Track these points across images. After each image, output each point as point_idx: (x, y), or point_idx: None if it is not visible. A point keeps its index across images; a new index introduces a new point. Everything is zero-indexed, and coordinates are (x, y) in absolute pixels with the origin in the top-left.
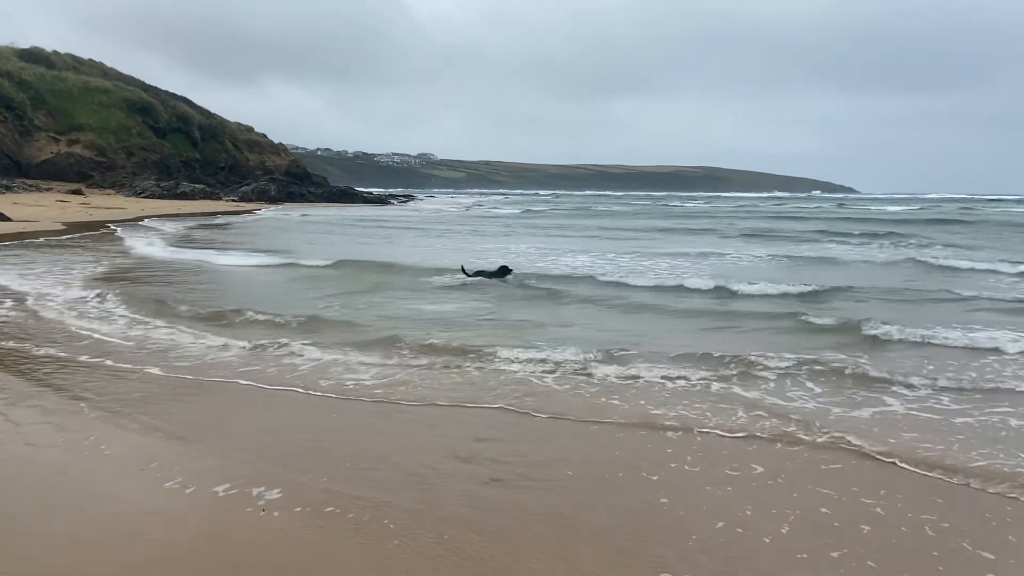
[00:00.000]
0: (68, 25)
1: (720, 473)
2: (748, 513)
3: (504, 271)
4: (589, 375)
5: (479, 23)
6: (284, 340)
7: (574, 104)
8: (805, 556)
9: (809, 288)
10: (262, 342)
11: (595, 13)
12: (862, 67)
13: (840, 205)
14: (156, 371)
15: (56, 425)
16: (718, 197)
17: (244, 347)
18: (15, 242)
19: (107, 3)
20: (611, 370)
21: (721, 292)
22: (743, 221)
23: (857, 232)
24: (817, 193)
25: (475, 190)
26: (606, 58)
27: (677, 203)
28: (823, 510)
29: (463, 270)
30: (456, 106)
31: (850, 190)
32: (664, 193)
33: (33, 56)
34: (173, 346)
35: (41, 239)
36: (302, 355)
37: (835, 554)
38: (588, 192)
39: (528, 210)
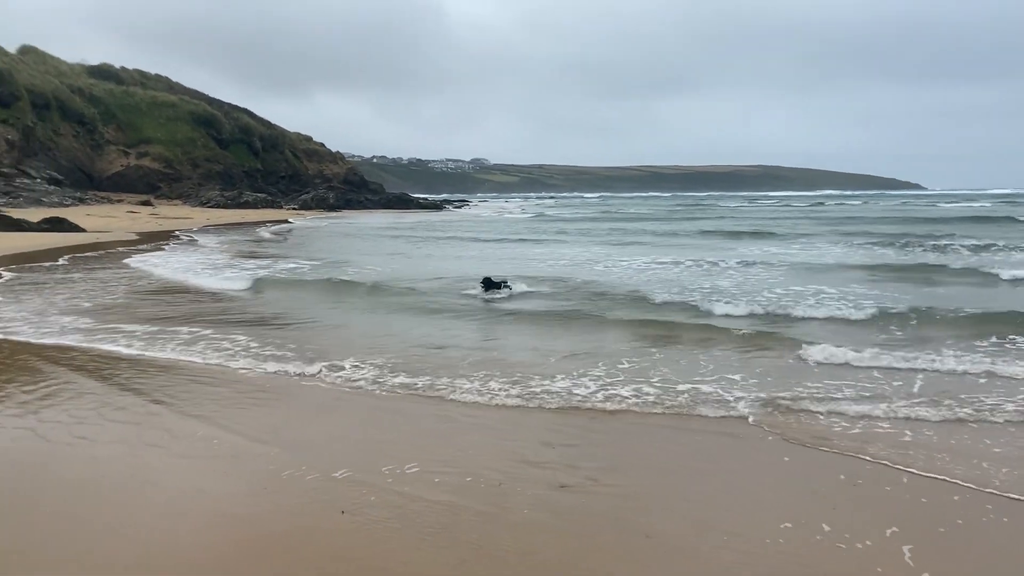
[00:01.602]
0: (120, 41)
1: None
2: (832, 515)
3: (489, 283)
4: None
5: (517, 27)
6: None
7: (618, 105)
8: None
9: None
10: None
11: (633, 13)
12: (911, 58)
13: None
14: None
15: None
16: (789, 196)
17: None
18: (96, 252)
19: (157, 20)
20: None
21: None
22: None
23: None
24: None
25: (530, 194)
26: (647, 58)
27: (739, 203)
28: None
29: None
30: (500, 110)
31: (916, 187)
32: (718, 193)
33: (103, 72)
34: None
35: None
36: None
37: None
38: (639, 194)
39: (596, 215)
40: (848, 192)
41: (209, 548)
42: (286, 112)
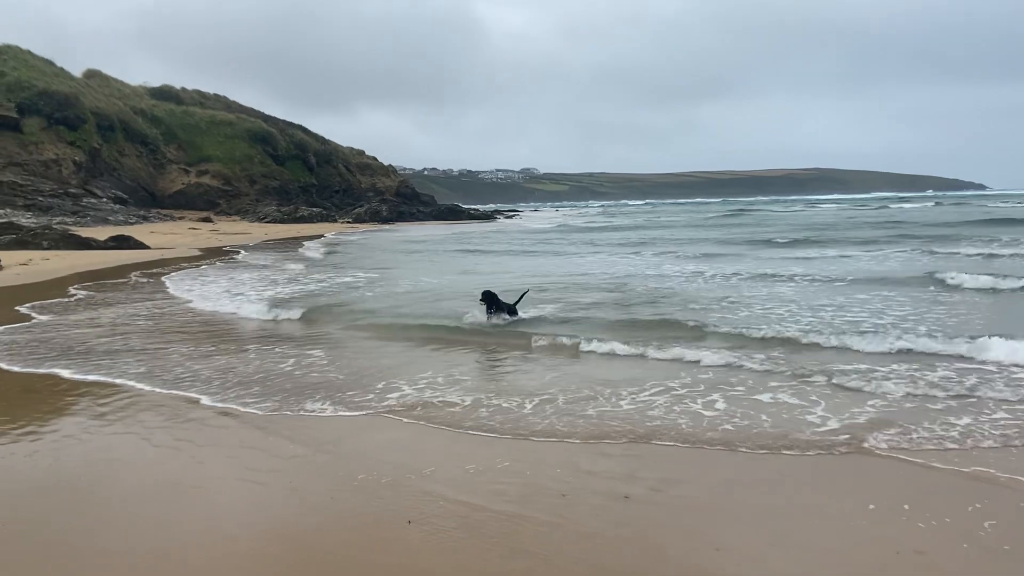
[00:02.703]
0: (169, 63)
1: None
2: (862, 527)
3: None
4: None
5: (554, 36)
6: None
7: (661, 110)
8: None
9: None
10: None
11: (668, 17)
12: (956, 55)
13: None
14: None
15: None
16: (856, 199)
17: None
18: (172, 268)
19: (205, 43)
20: None
21: None
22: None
23: None
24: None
25: (579, 202)
26: (687, 62)
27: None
28: None
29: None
30: (543, 120)
31: (980, 186)
32: (769, 198)
33: (163, 94)
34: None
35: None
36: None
37: None
38: (689, 200)
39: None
40: (915, 193)
41: (276, 559)
42: (331, 127)
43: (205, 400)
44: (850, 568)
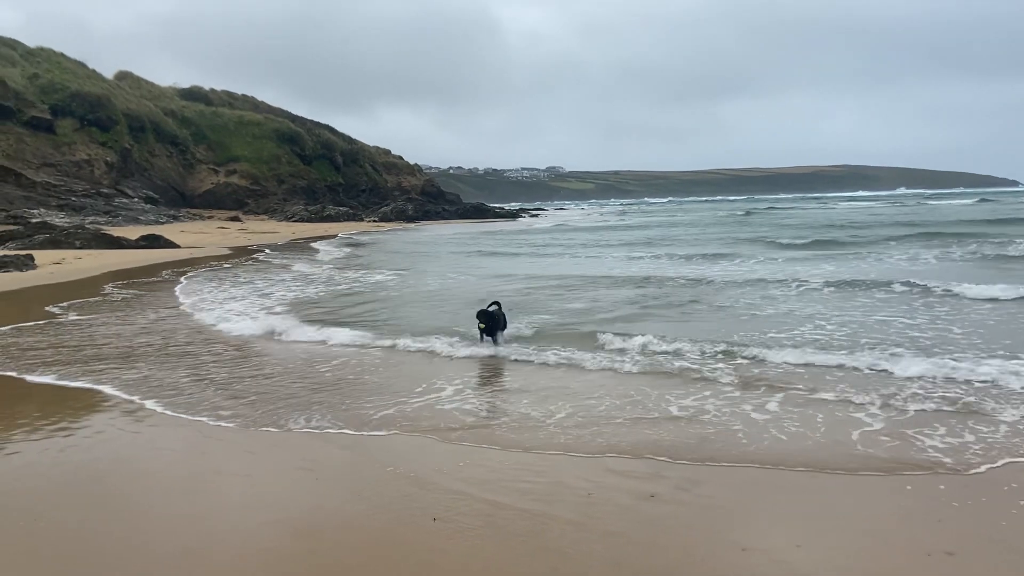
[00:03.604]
0: (190, 66)
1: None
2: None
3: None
4: None
5: (571, 35)
6: None
7: (682, 109)
8: None
9: None
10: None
11: (684, 15)
12: (980, 51)
13: None
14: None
15: None
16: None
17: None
18: (203, 267)
19: (222, 45)
20: None
21: None
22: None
23: None
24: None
25: (605, 200)
26: (706, 60)
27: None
28: None
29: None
30: (562, 119)
31: (1014, 183)
32: (792, 195)
33: (193, 95)
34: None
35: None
36: None
37: None
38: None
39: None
40: (954, 190)
41: (302, 554)
42: (350, 127)
43: (226, 404)
44: (879, 569)
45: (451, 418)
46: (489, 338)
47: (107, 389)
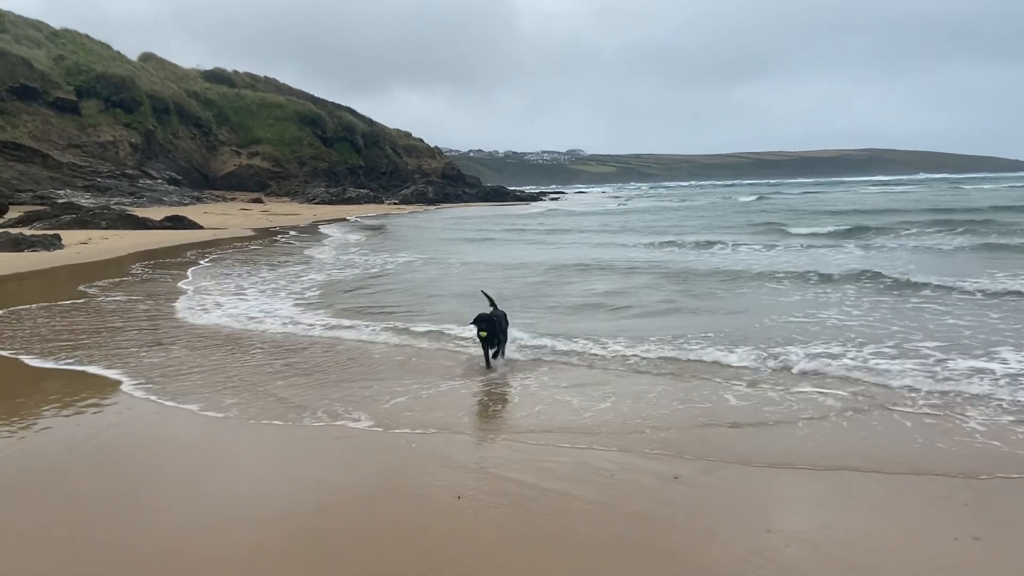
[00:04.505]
0: (210, 46)
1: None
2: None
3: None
4: None
5: (586, 17)
6: None
7: (700, 91)
8: None
9: None
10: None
11: None
12: (1009, 33)
13: None
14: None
15: None
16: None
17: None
18: (227, 248)
19: (237, 27)
20: None
21: None
22: None
23: None
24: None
25: (624, 184)
26: (724, 42)
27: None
28: None
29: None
30: (579, 101)
31: None
32: (841, 179)
33: (216, 76)
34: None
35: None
36: None
37: None
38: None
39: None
40: (987, 174)
41: (328, 532)
42: (366, 109)
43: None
44: (905, 553)
45: (474, 404)
46: (491, 349)
47: (128, 374)
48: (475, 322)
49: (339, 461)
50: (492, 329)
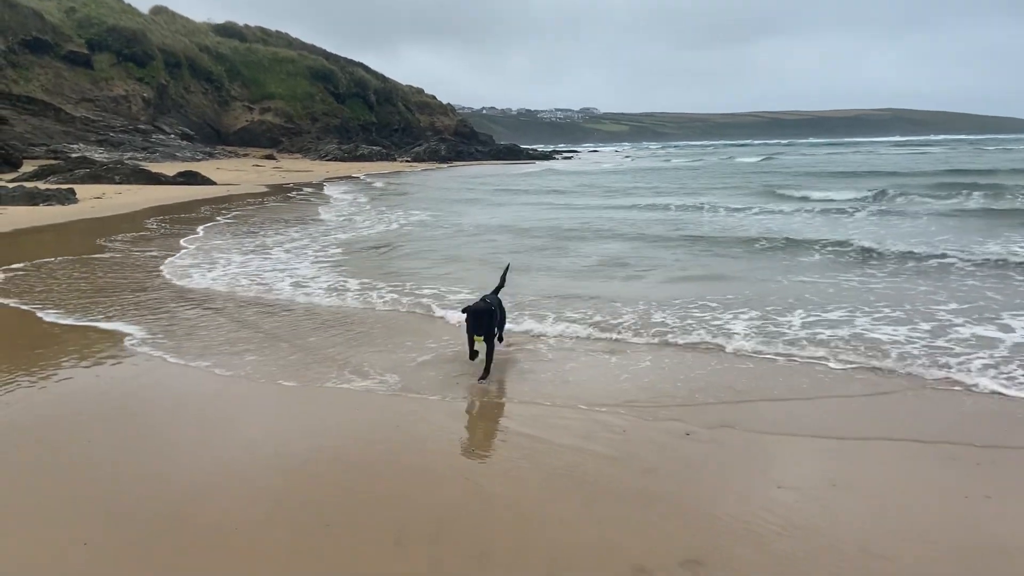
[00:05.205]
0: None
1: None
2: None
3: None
4: None
5: None
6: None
7: (711, 50)
8: None
9: None
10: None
11: None
12: None
13: None
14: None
15: None
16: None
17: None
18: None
19: None
20: None
21: None
22: None
23: None
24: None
25: (642, 143)
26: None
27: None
28: None
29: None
30: (590, 59)
31: None
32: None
33: (227, 30)
34: None
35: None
36: None
37: None
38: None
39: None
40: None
41: (342, 483)
42: (375, 66)
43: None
44: (916, 511)
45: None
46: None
47: (147, 330)
48: (468, 317)
49: (357, 416)
50: (488, 324)
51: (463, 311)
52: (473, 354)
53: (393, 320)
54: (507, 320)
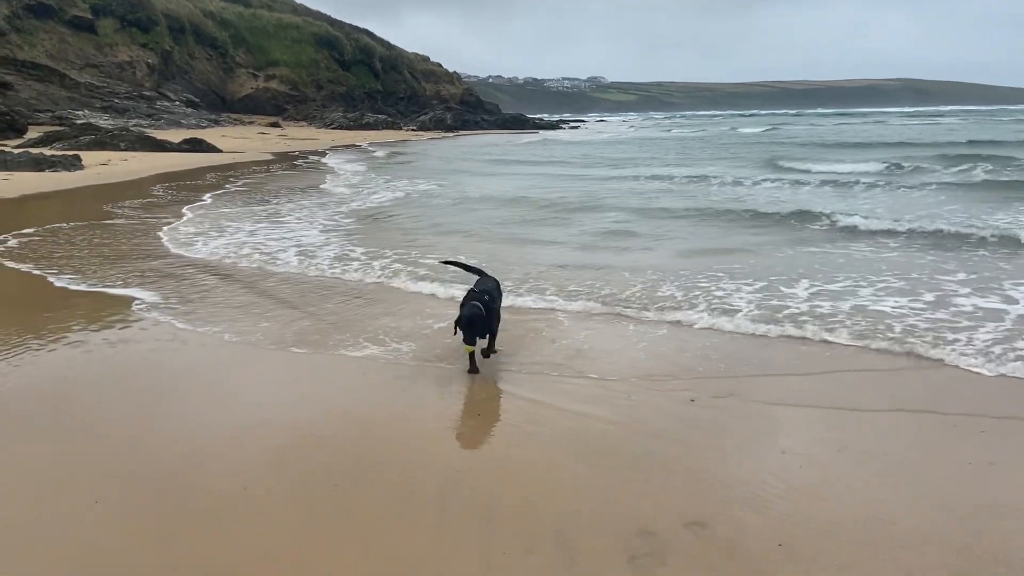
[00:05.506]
0: None
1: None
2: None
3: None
4: None
5: None
6: None
7: (718, 17)
8: None
9: None
10: None
11: None
12: None
13: None
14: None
15: None
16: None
17: None
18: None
19: None
20: None
21: None
22: None
23: None
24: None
25: (651, 113)
26: None
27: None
28: None
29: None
30: (595, 26)
31: None
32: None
33: None
34: None
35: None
36: None
37: None
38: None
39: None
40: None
41: (345, 445)
42: (378, 32)
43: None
44: (919, 477)
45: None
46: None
47: (158, 295)
48: (465, 326)
49: (364, 380)
50: (488, 327)
51: (455, 323)
52: (473, 369)
53: (402, 291)
54: (511, 295)
